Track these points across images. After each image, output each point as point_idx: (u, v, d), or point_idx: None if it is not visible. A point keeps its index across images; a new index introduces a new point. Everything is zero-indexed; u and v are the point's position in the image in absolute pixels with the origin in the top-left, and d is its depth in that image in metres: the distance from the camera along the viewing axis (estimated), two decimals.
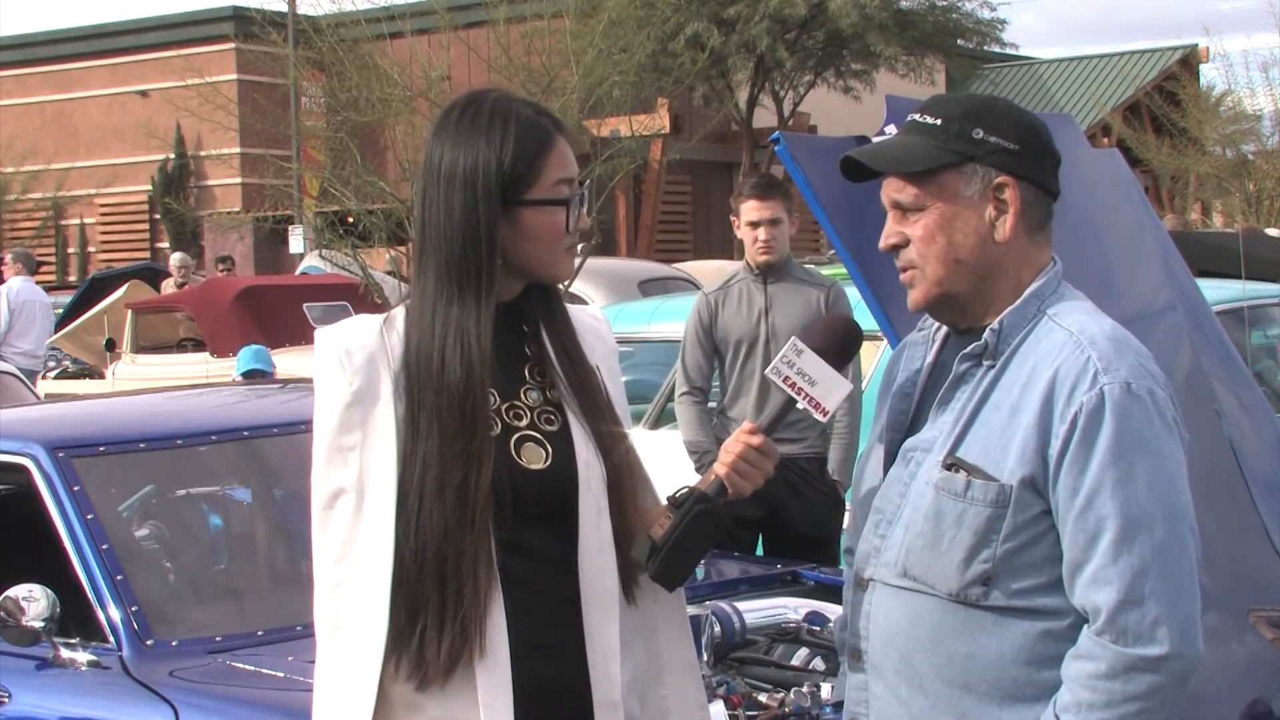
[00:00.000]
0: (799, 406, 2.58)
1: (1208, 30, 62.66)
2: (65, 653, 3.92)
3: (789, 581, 4.61)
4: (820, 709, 3.63)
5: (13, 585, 3.88)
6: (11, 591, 3.85)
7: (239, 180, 32.31)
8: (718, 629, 3.97)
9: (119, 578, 3.97)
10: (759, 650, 4.06)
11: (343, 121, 14.64)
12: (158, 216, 34.08)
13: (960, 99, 2.52)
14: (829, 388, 2.57)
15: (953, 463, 2.41)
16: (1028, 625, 2.38)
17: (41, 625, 3.83)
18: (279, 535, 4.67)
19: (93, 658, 3.90)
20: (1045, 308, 2.46)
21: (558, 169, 2.60)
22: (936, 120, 2.48)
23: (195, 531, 4.78)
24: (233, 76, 28.46)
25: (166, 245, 32.05)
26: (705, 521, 2.56)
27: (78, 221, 35.99)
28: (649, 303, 9.59)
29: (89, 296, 17.07)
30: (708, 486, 2.57)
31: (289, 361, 11.38)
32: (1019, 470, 2.36)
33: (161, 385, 11.10)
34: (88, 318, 15.96)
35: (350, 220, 14.42)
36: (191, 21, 33.81)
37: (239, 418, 4.85)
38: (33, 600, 3.83)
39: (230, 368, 10.60)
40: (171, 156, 33.66)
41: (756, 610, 4.13)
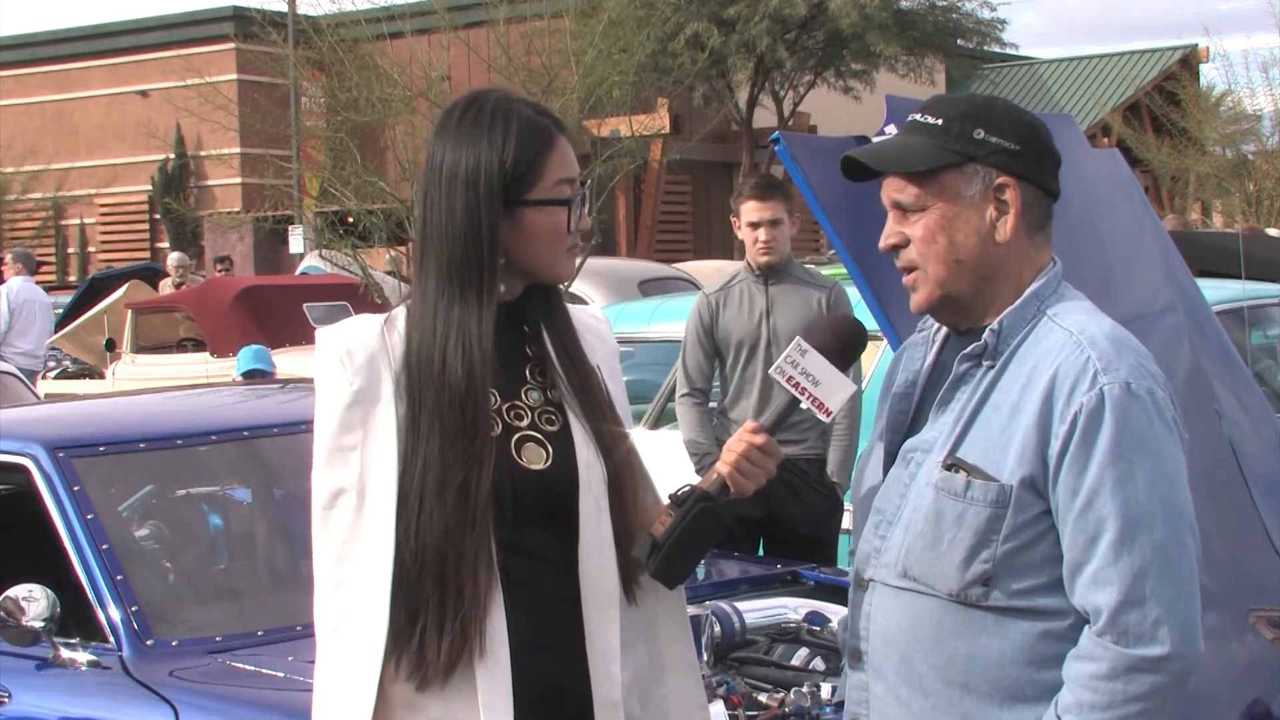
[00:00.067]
0: (803, 407, 2.57)
1: (1208, 30, 62.72)
2: (65, 653, 3.92)
3: (789, 581, 4.61)
4: (820, 709, 3.63)
5: (13, 585, 3.88)
6: (11, 591, 3.85)
7: (239, 180, 32.29)
8: (718, 629, 3.97)
9: (119, 578, 3.97)
10: (759, 650, 4.06)
11: (343, 121, 14.64)
12: (158, 216, 34.06)
13: (961, 99, 2.52)
14: (833, 388, 2.57)
15: (953, 463, 2.41)
16: (1028, 625, 2.38)
17: (41, 625, 3.83)
18: (279, 535, 4.67)
19: (93, 658, 3.90)
20: (1045, 308, 2.46)
21: (559, 169, 2.60)
22: (937, 120, 2.48)
23: (195, 531, 4.78)
24: (233, 76, 28.46)
25: (166, 245, 31.99)
26: (707, 520, 2.55)
27: (78, 221, 35.96)
28: (649, 303, 9.59)
29: (89, 296, 17.06)
30: (710, 485, 2.57)
31: (289, 361, 11.38)
32: (1019, 470, 2.36)
33: (161, 385, 11.10)
34: (88, 318, 15.95)
35: (350, 220, 14.41)
36: (191, 21, 33.79)
37: (239, 418, 4.85)
38: (33, 600, 3.83)
39: (230, 368, 10.58)
40: (171, 156, 33.63)
41: (756, 610, 4.13)
